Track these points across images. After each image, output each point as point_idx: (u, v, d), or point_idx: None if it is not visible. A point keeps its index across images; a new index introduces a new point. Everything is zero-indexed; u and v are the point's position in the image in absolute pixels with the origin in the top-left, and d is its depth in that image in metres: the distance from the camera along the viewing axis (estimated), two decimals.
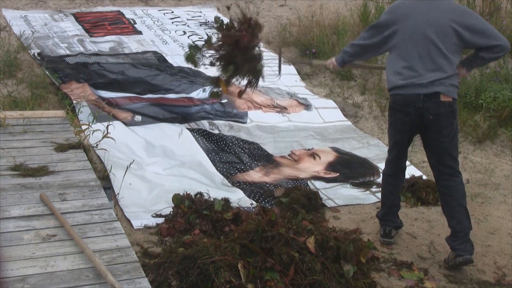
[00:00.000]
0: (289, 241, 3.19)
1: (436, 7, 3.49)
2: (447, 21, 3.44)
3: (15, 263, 2.48)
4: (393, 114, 3.69)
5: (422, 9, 3.50)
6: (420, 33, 3.46)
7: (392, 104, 3.67)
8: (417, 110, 3.47)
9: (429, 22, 3.46)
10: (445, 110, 3.46)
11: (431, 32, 3.44)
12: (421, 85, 3.43)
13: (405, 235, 4.08)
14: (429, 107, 3.44)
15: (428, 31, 3.45)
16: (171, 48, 7.21)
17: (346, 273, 3.25)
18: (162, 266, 3.14)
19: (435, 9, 3.48)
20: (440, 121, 3.47)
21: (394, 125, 3.71)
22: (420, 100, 3.44)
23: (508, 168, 5.25)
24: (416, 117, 3.50)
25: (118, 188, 4.24)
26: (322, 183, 4.79)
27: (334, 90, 6.73)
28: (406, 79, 3.48)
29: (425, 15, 3.48)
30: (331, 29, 7.55)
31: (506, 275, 3.66)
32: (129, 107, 5.61)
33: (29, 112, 4.55)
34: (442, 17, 3.46)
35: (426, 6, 3.51)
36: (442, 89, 3.43)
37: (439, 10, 3.48)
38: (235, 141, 5.26)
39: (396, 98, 3.59)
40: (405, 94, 3.50)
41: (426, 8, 3.50)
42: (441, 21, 3.45)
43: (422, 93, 3.43)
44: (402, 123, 3.59)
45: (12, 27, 7.18)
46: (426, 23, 3.46)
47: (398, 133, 3.70)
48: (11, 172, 3.43)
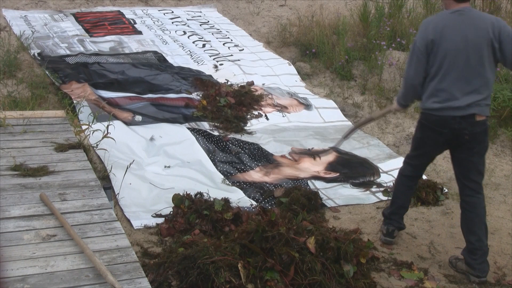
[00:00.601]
0: (289, 241, 3.19)
1: (472, 24, 3.34)
2: (484, 39, 3.31)
3: (15, 263, 2.48)
4: (424, 131, 3.58)
5: (457, 26, 3.34)
6: (457, 54, 3.33)
7: (425, 122, 3.54)
8: (452, 131, 3.41)
9: (466, 42, 3.32)
10: (479, 129, 3.41)
11: (468, 53, 3.32)
12: (458, 108, 3.36)
13: (405, 235, 4.08)
14: (465, 128, 3.38)
15: (466, 51, 3.32)
16: (171, 48, 7.22)
17: (346, 273, 3.24)
18: (162, 266, 3.14)
19: (471, 25, 3.33)
20: (474, 140, 3.42)
21: (424, 140, 3.61)
22: (456, 122, 3.37)
23: (508, 168, 5.25)
24: (451, 137, 3.44)
25: (118, 188, 4.24)
26: (322, 183, 4.79)
27: (334, 90, 6.73)
28: (442, 103, 3.39)
29: (461, 34, 3.33)
30: (331, 29, 7.54)
31: (506, 275, 3.66)
32: (129, 107, 5.61)
33: (29, 112, 4.55)
34: (479, 34, 3.32)
35: (461, 23, 3.35)
36: (477, 110, 3.36)
37: (475, 27, 3.33)
38: (235, 141, 5.26)
39: (430, 117, 3.48)
40: (441, 116, 3.41)
41: (462, 26, 3.34)
42: (479, 39, 3.31)
43: (458, 115, 3.36)
44: (435, 141, 3.53)
45: (12, 27, 7.19)
46: (463, 43, 3.32)
47: (428, 147, 3.63)
48: (11, 172, 3.43)
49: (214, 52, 7.22)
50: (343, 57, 6.94)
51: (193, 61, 6.91)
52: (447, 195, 4.64)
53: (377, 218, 4.34)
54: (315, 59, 7.33)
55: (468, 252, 3.59)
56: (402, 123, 5.99)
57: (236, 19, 8.55)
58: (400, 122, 6.00)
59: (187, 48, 7.26)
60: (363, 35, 7.37)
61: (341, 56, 6.95)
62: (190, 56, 7.04)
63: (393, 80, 6.60)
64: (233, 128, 5.53)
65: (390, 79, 6.62)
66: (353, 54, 7.04)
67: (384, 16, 7.41)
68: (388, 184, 4.82)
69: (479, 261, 3.54)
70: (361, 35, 7.40)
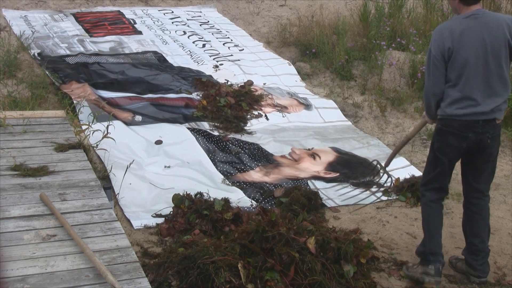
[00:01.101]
0: (289, 241, 3.19)
1: (487, 27, 3.27)
2: (501, 40, 3.25)
3: (15, 263, 2.48)
4: (444, 139, 3.39)
5: (474, 32, 3.27)
6: (477, 60, 3.26)
7: (446, 128, 3.37)
8: (476, 135, 3.30)
9: (484, 46, 3.25)
10: (498, 131, 3.37)
11: (487, 57, 3.25)
12: (482, 113, 3.28)
13: (405, 235, 4.08)
14: (487, 131, 3.31)
15: (485, 56, 3.25)
16: (171, 48, 7.22)
17: (346, 273, 3.24)
18: (162, 266, 3.14)
19: (487, 29, 3.26)
20: (494, 143, 3.38)
21: (443, 151, 3.41)
22: (479, 126, 3.29)
23: (508, 168, 5.25)
24: (474, 142, 3.33)
25: (118, 188, 4.24)
26: (322, 183, 4.79)
27: (334, 90, 6.73)
28: (465, 108, 3.29)
29: (479, 39, 3.26)
30: (331, 29, 7.55)
31: (506, 275, 3.66)
32: (129, 107, 5.61)
33: (29, 112, 4.55)
34: (496, 37, 3.25)
35: (477, 28, 3.27)
36: (498, 115, 3.32)
37: (490, 30, 3.26)
38: (235, 141, 5.26)
39: (451, 122, 3.33)
40: (464, 120, 3.30)
41: (478, 30, 3.26)
42: (496, 42, 3.25)
43: (482, 119, 3.29)
44: (457, 148, 3.37)
45: (12, 27, 7.19)
46: (482, 48, 3.25)
47: (450, 156, 3.41)
48: (11, 172, 3.43)
49: (214, 52, 7.22)
50: (343, 57, 6.94)
51: (193, 61, 6.91)
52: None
53: (377, 218, 4.34)
54: (315, 59, 7.33)
55: (469, 253, 3.58)
56: (402, 123, 5.99)
57: (236, 19, 8.55)
58: (400, 122, 6.00)
59: (187, 48, 7.27)
60: (363, 35, 7.37)
61: (341, 56, 6.96)
62: (190, 56, 7.04)
63: (393, 80, 6.60)
64: (233, 128, 5.53)
65: (390, 79, 6.62)
66: (353, 54, 7.04)
67: (384, 16, 7.42)
68: (388, 184, 4.82)
69: (481, 262, 3.54)
70: (361, 35, 7.40)
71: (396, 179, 4.81)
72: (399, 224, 4.26)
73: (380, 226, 4.22)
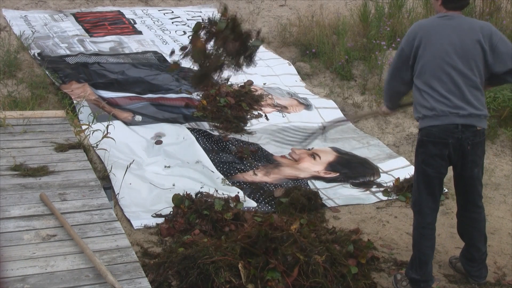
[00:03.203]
0: (297, 241, 3.19)
1: (459, 27, 3.22)
2: (473, 41, 3.17)
3: (15, 263, 2.48)
4: (426, 150, 3.26)
5: (443, 30, 3.21)
6: (446, 62, 3.17)
7: (426, 138, 3.25)
8: (456, 141, 3.18)
9: (455, 47, 3.17)
10: (480, 138, 3.24)
11: (458, 61, 3.17)
12: (458, 115, 3.16)
13: (405, 235, 4.08)
14: (467, 137, 3.18)
15: (455, 59, 3.17)
16: (171, 48, 7.19)
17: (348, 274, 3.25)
18: (162, 266, 3.14)
19: (458, 29, 3.21)
20: (476, 151, 3.24)
21: (427, 162, 3.27)
22: (459, 131, 3.16)
23: (508, 168, 5.25)
24: (455, 149, 3.20)
25: (118, 188, 4.24)
26: (322, 183, 4.79)
27: (334, 90, 6.73)
28: (441, 105, 3.17)
29: (448, 36, 3.19)
30: (331, 29, 7.55)
31: (506, 275, 3.66)
32: (129, 107, 5.61)
33: (29, 112, 4.55)
34: (467, 39, 3.18)
35: (448, 27, 3.22)
36: (476, 121, 3.19)
37: (462, 30, 3.20)
38: (235, 142, 5.26)
39: (431, 130, 3.21)
40: (442, 125, 3.17)
41: (448, 29, 3.21)
42: (466, 43, 3.17)
43: (460, 123, 3.16)
44: (440, 157, 3.23)
45: (12, 27, 7.19)
46: (453, 49, 3.17)
47: (434, 171, 3.26)
48: (11, 172, 3.43)
49: None
50: (343, 57, 6.94)
51: None
52: (447, 195, 4.64)
53: (377, 218, 4.34)
54: (315, 59, 7.33)
55: (466, 260, 3.56)
56: (402, 123, 5.99)
57: None
58: (400, 122, 6.00)
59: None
60: (363, 35, 7.37)
61: (341, 56, 6.96)
62: None
63: None
64: (233, 128, 5.53)
65: None
66: (353, 54, 7.05)
67: (384, 16, 7.41)
68: (388, 184, 4.82)
69: (477, 268, 3.53)
70: (361, 35, 7.40)
71: (396, 179, 4.81)
72: (399, 224, 4.26)
73: (380, 226, 4.23)
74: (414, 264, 3.36)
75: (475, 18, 7.04)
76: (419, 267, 3.33)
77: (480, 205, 3.45)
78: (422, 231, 3.34)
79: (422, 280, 3.33)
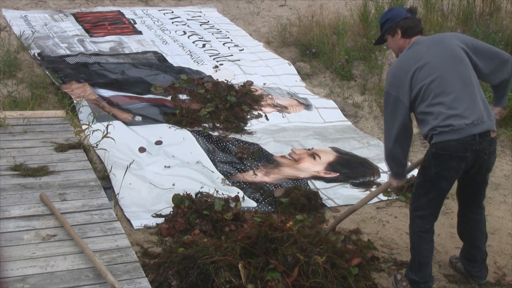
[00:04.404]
0: (297, 242, 3.19)
1: (435, 41, 3.18)
2: (457, 49, 3.11)
3: (15, 263, 2.48)
4: (442, 163, 3.11)
5: (425, 53, 3.12)
6: (444, 73, 3.06)
7: (442, 152, 3.08)
8: (474, 153, 3.07)
9: (443, 59, 3.08)
10: (495, 146, 3.18)
11: (452, 68, 3.07)
12: (473, 124, 3.03)
13: (405, 235, 4.08)
14: (484, 148, 3.09)
15: (450, 68, 3.07)
16: (171, 48, 7.22)
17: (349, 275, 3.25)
18: (162, 266, 3.14)
19: (436, 43, 3.16)
20: (491, 158, 3.19)
21: (442, 175, 3.14)
22: (477, 142, 3.05)
23: (508, 168, 5.25)
24: (472, 160, 3.11)
25: (118, 188, 4.24)
26: (322, 183, 4.79)
27: (334, 90, 6.73)
28: (455, 122, 3.03)
29: (433, 55, 3.10)
30: (331, 29, 7.55)
31: (506, 275, 3.66)
32: (130, 107, 5.61)
33: (29, 112, 4.55)
34: (449, 48, 3.11)
35: (425, 47, 3.15)
36: (490, 125, 3.08)
37: (441, 43, 3.15)
38: (235, 142, 5.26)
39: (448, 144, 3.05)
40: (460, 139, 3.02)
41: (427, 50, 3.13)
42: (452, 51, 3.11)
43: (477, 132, 3.04)
44: (456, 170, 3.13)
45: (12, 27, 7.19)
46: (442, 61, 3.08)
47: (447, 183, 3.18)
48: (11, 172, 3.43)
49: (214, 52, 7.22)
50: (343, 57, 6.94)
51: (193, 61, 6.91)
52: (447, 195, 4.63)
53: (377, 218, 4.34)
54: (315, 59, 7.33)
55: (466, 260, 3.57)
56: None
57: (236, 19, 8.56)
58: None
59: (187, 48, 7.27)
60: (363, 35, 7.37)
61: (341, 56, 6.96)
62: (190, 56, 7.04)
63: None
64: (233, 128, 5.53)
65: None
66: (353, 54, 7.05)
67: None
68: None
69: (478, 269, 3.54)
70: (361, 35, 7.40)
71: None
72: (399, 224, 4.26)
73: (380, 226, 4.23)
74: (414, 266, 3.35)
75: (475, 18, 7.05)
76: (418, 269, 3.32)
77: (482, 206, 3.46)
78: (422, 235, 3.30)
79: (422, 282, 3.32)
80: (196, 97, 5.92)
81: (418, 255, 3.33)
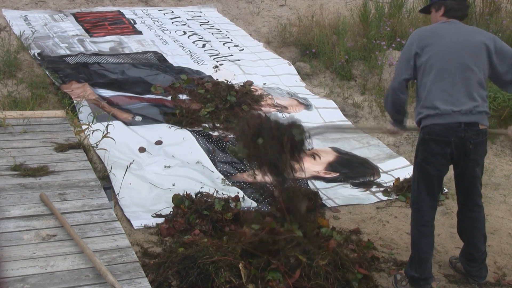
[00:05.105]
0: (300, 244, 3.18)
1: (462, 30, 3.30)
2: (478, 42, 3.23)
3: (15, 263, 2.48)
4: (428, 148, 3.26)
5: (449, 32, 3.28)
6: (452, 58, 3.21)
7: (428, 136, 3.24)
8: (459, 140, 3.18)
9: (461, 45, 3.23)
10: (482, 138, 3.25)
11: (464, 56, 3.20)
12: (460, 113, 3.16)
13: (405, 235, 4.08)
14: (470, 137, 3.18)
15: (461, 54, 3.21)
16: (171, 48, 7.22)
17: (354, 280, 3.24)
18: (162, 266, 3.14)
19: (461, 31, 3.28)
20: (478, 150, 3.25)
21: (428, 160, 3.27)
22: (462, 129, 3.16)
23: (508, 168, 5.25)
24: (457, 147, 3.20)
25: (118, 188, 4.24)
26: (322, 183, 4.79)
27: (334, 90, 6.73)
28: (444, 104, 3.18)
29: (454, 38, 3.25)
30: (331, 29, 7.55)
31: (506, 275, 3.66)
32: (129, 108, 5.61)
33: (29, 112, 4.55)
34: (473, 38, 3.25)
35: (451, 29, 3.29)
36: (479, 118, 3.19)
37: (468, 32, 3.29)
38: (235, 142, 5.26)
39: (433, 128, 3.21)
40: (445, 123, 3.17)
41: (454, 31, 3.28)
42: (473, 42, 3.23)
43: (463, 121, 3.16)
44: (442, 155, 3.23)
45: (12, 27, 7.19)
46: (458, 46, 3.23)
47: (434, 169, 3.27)
48: (11, 172, 3.43)
49: (214, 52, 7.22)
50: (343, 57, 6.94)
51: (193, 61, 6.91)
52: (447, 195, 4.64)
53: (377, 218, 4.34)
54: (315, 59, 7.33)
55: (466, 260, 3.57)
56: None
57: (236, 19, 8.55)
58: None
59: (187, 48, 7.27)
60: (363, 35, 7.37)
61: (341, 56, 6.96)
62: (190, 56, 7.04)
63: None
64: (233, 128, 5.52)
65: (390, 79, 6.61)
66: (353, 54, 7.05)
67: (384, 16, 7.41)
68: (388, 184, 4.82)
69: (477, 268, 3.54)
70: (361, 35, 7.40)
71: (396, 179, 4.81)
72: (399, 224, 4.26)
73: (380, 226, 4.23)
74: (413, 262, 3.37)
75: (475, 18, 7.05)
76: (418, 265, 3.34)
77: (480, 204, 3.47)
78: (421, 229, 3.37)
79: (421, 278, 3.34)
80: (196, 97, 5.91)
81: (417, 251, 3.38)
